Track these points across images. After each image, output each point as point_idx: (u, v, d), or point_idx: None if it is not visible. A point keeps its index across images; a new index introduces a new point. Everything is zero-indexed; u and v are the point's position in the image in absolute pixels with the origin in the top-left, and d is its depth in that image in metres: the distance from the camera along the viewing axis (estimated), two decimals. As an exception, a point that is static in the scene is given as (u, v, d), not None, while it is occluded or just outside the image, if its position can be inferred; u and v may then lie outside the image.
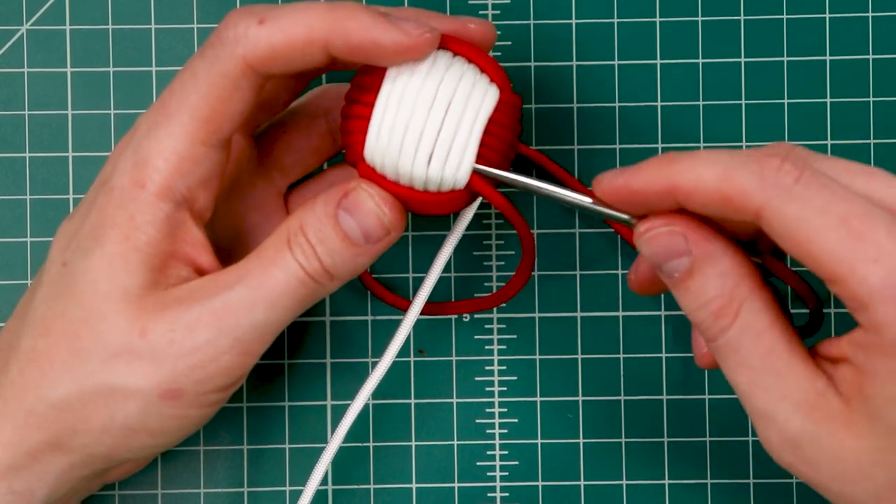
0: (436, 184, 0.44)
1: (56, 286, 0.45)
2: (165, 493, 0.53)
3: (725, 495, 0.53)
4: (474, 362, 0.53)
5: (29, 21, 0.53)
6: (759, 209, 0.40)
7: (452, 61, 0.44)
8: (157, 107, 0.44)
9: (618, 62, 0.53)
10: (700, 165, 0.41)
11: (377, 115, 0.44)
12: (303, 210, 0.44)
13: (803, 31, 0.53)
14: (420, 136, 0.44)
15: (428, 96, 0.44)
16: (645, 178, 0.42)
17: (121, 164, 0.44)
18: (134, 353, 0.43)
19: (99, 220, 0.44)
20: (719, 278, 0.42)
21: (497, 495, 0.53)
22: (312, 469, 0.49)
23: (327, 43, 0.43)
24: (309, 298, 0.45)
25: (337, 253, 0.44)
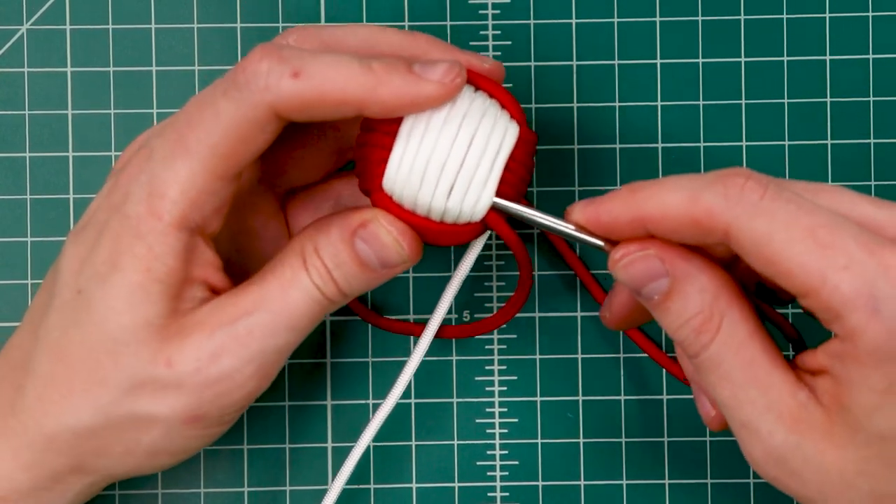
0: (453, 216, 0.44)
1: (72, 312, 0.44)
2: (165, 493, 0.53)
3: (725, 495, 0.53)
4: (474, 362, 0.53)
5: (29, 21, 0.53)
6: (726, 228, 0.40)
7: (475, 96, 0.44)
8: (175, 137, 0.44)
9: (618, 62, 0.53)
10: (665, 192, 0.41)
11: (399, 145, 0.44)
12: (316, 232, 0.44)
13: (803, 31, 0.53)
14: (442, 170, 0.43)
15: (452, 130, 0.43)
16: (613, 210, 0.43)
17: (135, 190, 0.44)
18: (159, 383, 0.43)
19: (115, 248, 0.44)
20: (698, 295, 0.42)
21: (497, 495, 0.53)
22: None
23: (361, 104, 0.43)
24: (322, 315, 0.45)
25: (353, 276, 0.44)
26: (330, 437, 0.53)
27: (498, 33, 0.53)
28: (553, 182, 0.53)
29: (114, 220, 0.44)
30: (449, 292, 0.48)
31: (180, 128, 0.44)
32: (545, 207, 0.53)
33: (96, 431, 0.44)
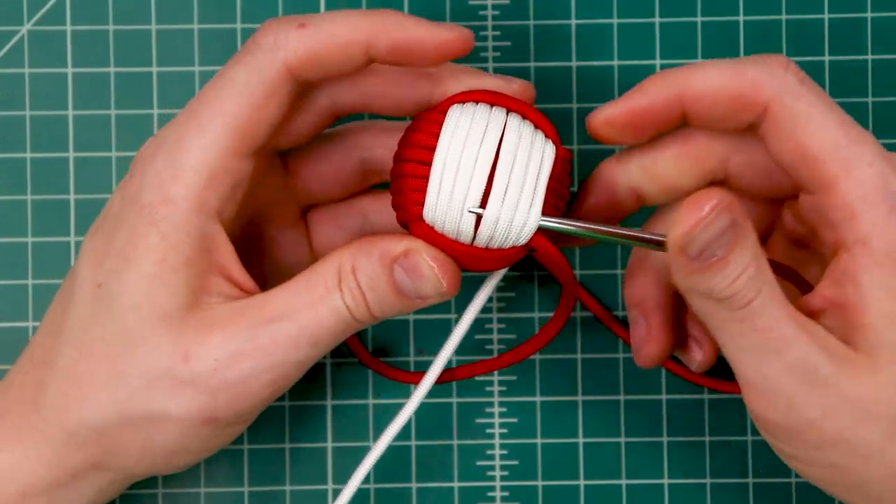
0: (500, 241, 0.44)
1: (92, 308, 0.44)
2: (166, 492, 0.53)
3: (725, 495, 0.53)
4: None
5: (30, 21, 0.53)
6: (768, 103, 0.41)
7: (508, 117, 0.44)
8: (187, 117, 0.44)
9: (617, 62, 0.53)
10: (707, 68, 0.42)
11: (436, 174, 0.43)
12: (357, 252, 0.44)
13: (803, 31, 0.53)
14: (485, 196, 0.43)
15: (489, 154, 0.43)
16: (649, 94, 0.43)
17: (148, 178, 0.44)
18: (176, 379, 0.43)
19: (131, 239, 0.43)
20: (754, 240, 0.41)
21: (497, 495, 0.53)
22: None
23: (369, 44, 0.43)
24: (348, 335, 0.44)
25: (387, 303, 0.44)
26: (330, 437, 0.53)
27: (498, 34, 0.53)
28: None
29: (128, 211, 0.44)
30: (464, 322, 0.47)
31: (193, 106, 0.44)
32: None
33: (113, 429, 0.44)
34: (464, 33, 0.44)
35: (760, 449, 0.53)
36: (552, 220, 0.44)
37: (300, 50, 0.43)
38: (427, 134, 0.44)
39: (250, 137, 0.44)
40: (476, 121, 0.43)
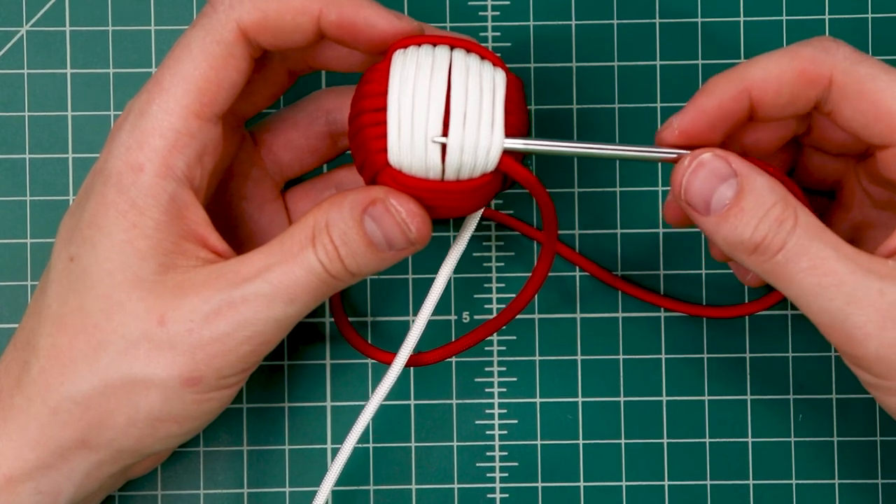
0: (469, 169, 0.44)
1: (67, 281, 0.44)
2: (165, 493, 0.53)
3: (725, 496, 0.53)
4: (474, 363, 0.53)
5: (29, 22, 0.53)
6: (830, 74, 0.43)
7: (453, 52, 0.44)
8: (149, 86, 0.44)
9: (617, 63, 0.53)
10: (764, 58, 0.44)
11: (393, 114, 0.43)
12: (329, 207, 0.44)
13: (803, 31, 0.53)
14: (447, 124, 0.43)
15: (441, 82, 0.43)
16: (716, 94, 0.44)
17: (115, 148, 0.44)
18: (153, 342, 0.43)
19: (100, 208, 0.44)
20: (772, 186, 0.43)
21: (497, 496, 0.53)
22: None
23: (320, 14, 0.44)
24: (328, 293, 0.45)
25: (360, 256, 0.44)
26: (329, 438, 0.53)
27: (498, 35, 0.53)
28: (554, 183, 0.53)
29: (96, 182, 0.44)
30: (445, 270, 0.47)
31: (155, 75, 0.44)
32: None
33: (96, 399, 0.44)
34: (413, 25, 0.44)
35: (761, 450, 0.53)
36: (517, 140, 0.44)
37: (253, 11, 0.44)
38: (376, 82, 0.44)
39: (211, 99, 0.44)
40: (422, 58, 0.44)
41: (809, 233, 0.42)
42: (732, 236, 0.43)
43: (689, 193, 0.43)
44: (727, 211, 0.43)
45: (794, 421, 0.53)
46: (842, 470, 0.53)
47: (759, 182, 0.43)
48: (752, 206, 0.42)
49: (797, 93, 0.43)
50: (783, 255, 0.42)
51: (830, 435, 0.53)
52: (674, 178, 0.44)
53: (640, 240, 0.53)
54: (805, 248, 0.42)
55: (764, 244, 0.42)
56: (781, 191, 0.43)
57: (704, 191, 0.43)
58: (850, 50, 0.43)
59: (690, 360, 0.53)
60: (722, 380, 0.53)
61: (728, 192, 0.43)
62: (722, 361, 0.53)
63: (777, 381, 0.53)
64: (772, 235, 0.42)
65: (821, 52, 0.43)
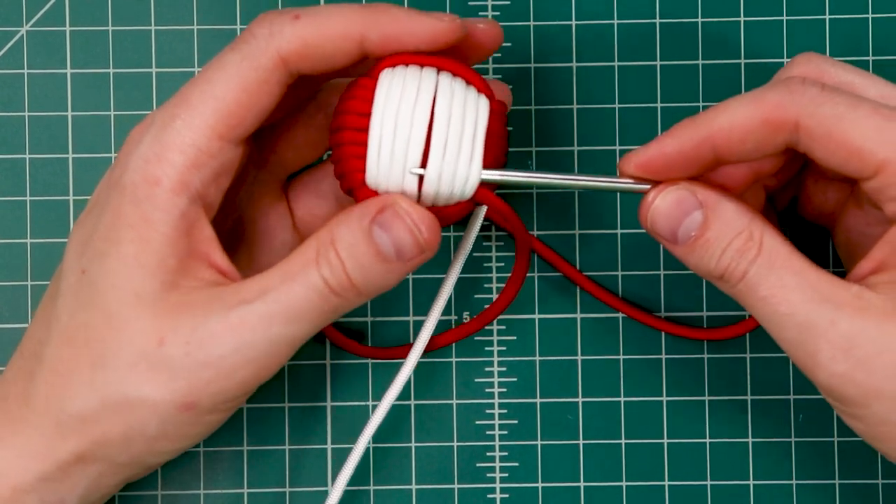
0: (445, 198, 0.44)
1: (78, 294, 0.44)
2: (165, 493, 0.53)
3: (726, 497, 0.53)
4: (474, 363, 0.53)
5: (29, 22, 0.53)
6: (796, 119, 0.42)
7: (439, 77, 0.44)
8: (176, 100, 0.44)
9: (618, 63, 0.53)
10: (729, 105, 0.43)
11: (374, 140, 0.43)
12: (336, 223, 0.43)
13: (803, 31, 0.53)
14: (426, 154, 0.43)
15: (424, 113, 0.43)
16: (678, 139, 0.43)
17: (133, 160, 0.44)
18: (151, 363, 0.43)
19: (113, 220, 0.43)
20: (736, 215, 0.43)
21: (497, 496, 0.53)
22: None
23: (363, 37, 0.44)
24: (332, 313, 0.44)
25: (367, 268, 0.43)
26: (330, 439, 0.53)
27: (499, 34, 0.53)
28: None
29: (112, 194, 0.44)
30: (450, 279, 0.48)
31: (183, 91, 0.44)
32: (546, 209, 0.53)
33: (95, 415, 0.44)
34: (455, 24, 0.44)
35: (761, 451, 0.53)
36: (494, 171, 0.44)
37: (294, 40, 0.43)
38: (361, 100, 0.44)
39: (238, 123, 0.44)
40: (408, 83, 0.44)
41: (771, 261, 0.43)
42: (699, 265, 0.44)
43: (656, 226, 0.44)
44: (693, 242, 0.43)
45: (795, 421, 0.53)
46: (842, 470, 0.53)
47: (725, 211, 0.43)
48: (717, 237, 0.43)
49: (763, 140, 0.43)
50: (744, 284, 0.43)
51: (831, 435, 0.53)
52: (640, 211, 0.44)
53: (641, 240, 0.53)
54: (763, 278, 0.43)
55: (727, 273, 0.43)
56: (748, 218, 0.43)
57: (671, 223, 0.44)
58: (817, 90, 0.43)
59: (691, 360, 0.53)
60: (722, 381, 0.53)
61: (694, 224, 0.43)
62: (722, 362, 0.53)
63: (777, 383, 0.53)
64: (734, 265, 0.43)
65: (785, 96, 0.43)
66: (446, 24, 0.44)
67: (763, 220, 0.44)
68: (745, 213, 0.43)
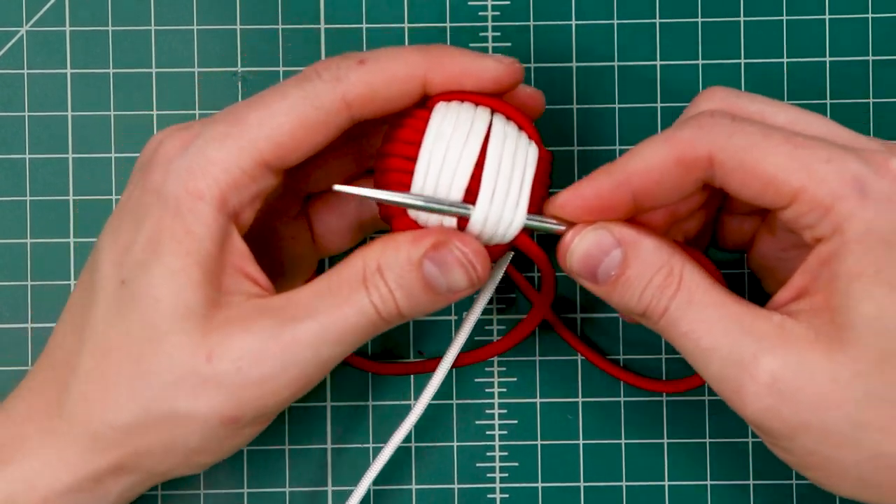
0: (486, 240, 0.44)
1: (116, 305, 0.43)
2: (165, 493, 0.53)
3: (725, 496, 0.53)
4: (474, 364, 0.53)
5: (29, 22, 0.53)
6: (708, 153, 0.42)
7: (493, 117, 0.44)
8: (229, 118, 0.44)
9: (617, 63, 0.53)
10: (642, 148, 0.43)
11: (421, 170, 0.43)
12: (383, 249, 0.43)
13: (803, 31, 0.53)
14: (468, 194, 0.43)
15: (475, 148, 0.43)
16: (595, 185, 0.43)
17: (175, 169, 0.43)
18: (199, 378, 0.43)
19: (155, 231, 0.43)
20: (654, 253, 0.43)
21: (497, 496, 0.53)
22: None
23: (426, 79, 0.44)
24: (374, 335, 0.44)
25: (416, 299, 0.43)
26: (329, 439, 0.53)
27: (498, 35, 0.53)
28: (553, 185, 0.53)
29: (153, 202, 0.43)
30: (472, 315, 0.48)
31: (237, 110, 0.44)
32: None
33: (137, 428, 0.43)
34: (515, 66, 0.45)
35: (761, 450, 0.53)
36: (538, 218, 0.44)
37: (360, 85, 0.43)
38: (412, 130, 0.44)
39: (286, 155, 0.44)
40: (462, 117, 0.44)
41: (691, 296, 0.43)
42: (621, 304, 0.44)
43: (575, 266, 0.44)
44: (614, 281, 0.43)
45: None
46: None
47: (644, 249, 0.43)
48: (637, 275, 0.43)
49: (679, 179, 0.43)
50: (665, 320, 0.43)
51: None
52: (559, 252, 0.44)
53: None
54: (684, 313, 0.43)
55: (649, 310, 0.43)
56: (667, 254, 0.43)
57: (590, 263, 0.44)
58: (727, 122, 0.42)
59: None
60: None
61: (613, 262, 0.43)
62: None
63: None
64: (655, 302, 0.43)
65: (696, 131, 0.42)
66: (506, 67, 0.44)
67: (683, 255, 0.43)
68: (664, 248, 0.43)
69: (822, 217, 0.41)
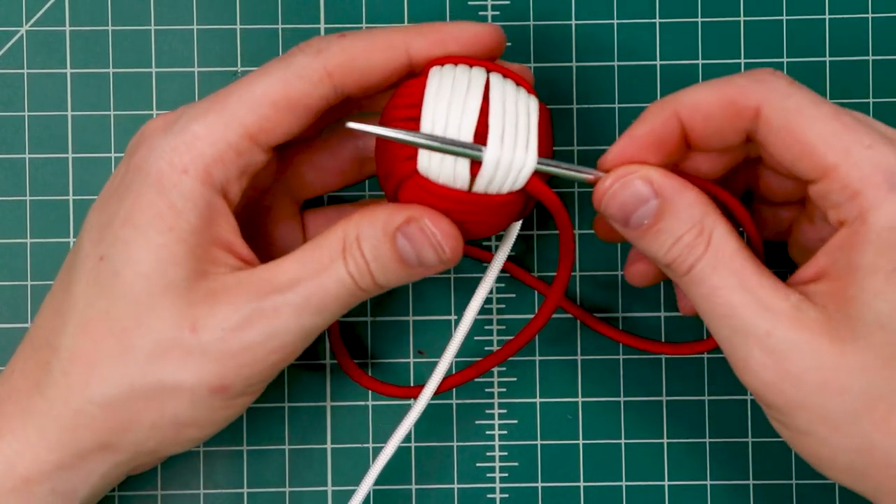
0: (498, 185, 0.44)
1: (96, 281, 0.44)
2: (165, 493, 0.53)
3: (725, 496, 0.53)
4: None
5: (29, 22, 0.53)
6: (758, 105, 0.43)
7: (489, 74, 0.44)
8: (213, 97, 0.44)
9: (617, 63, 0.53)
10: (699, 85, 0.44)
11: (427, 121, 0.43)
12: (360, 219, 0.44)
13: (803, 31, 0.53)
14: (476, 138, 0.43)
15: (477, 97, 0.43)
16: (647, 121, 0.44)
17: (158, 145, 0.44)
18: (184, 349, 0.43)
19: (136, 207, 0.43)
20: (689, 210, 0.43)
21: (497, 496, 0.53)
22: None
23: (407, 45, 0.44)
24: (354, 304, 0.45)
25: (390, 270, 0.44)
26: (329, 438, 0.53)
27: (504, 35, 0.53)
28: (552, 184, 0.53)
29: (135, 179, 0.44)
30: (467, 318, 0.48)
31: (219, 91, 0.45)
32: (544, 210, 0.53)
33: (122, 403, 0.44)
34: (497, 27, 0.45)
35: (761, 450, 0.53)
36: (548, 161, 0.44)
37: (340, 53, 0.44)
38: (410, 93, 0.44)
39: (272, 128, 0.44)
40: (459, 75, 0.44)
41: (717, 260, 0.43)
42: (647, 250, 0.44)
43: (609, 208, 0.44)
44: (646, 230, 0.44)
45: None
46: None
47: (680, 204, 0.43)
48: (668, 228, 0.43)
49: (725, 122, 0.43)
50: (689, 277, 0.43)
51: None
52: (595, 194, 0.44)
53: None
54: (707, 276, 0.43)
55: (675, 264, 0.44)
56: (701, 212, 0.43)
57: (625, 209, 0.44)
58: (786, 83, 0.43)
59: (691, 359, 0.53)
60: (723, 379, 0.53)
61: (648, 212, 0.43)
62: (722, 361, 0.53)
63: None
64: (682, 259, 0.43)
65: (753, 82, 0.43)
66: (489, 28, 0.45)
67: (717, 214, 0.44)
68: (699, 205, 0.44)
69: (848, 200, 0.42)
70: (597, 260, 0.53)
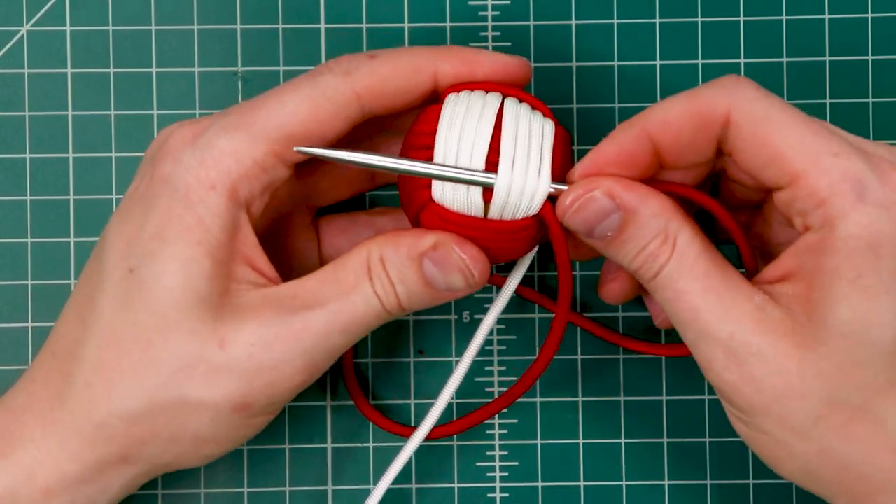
0: (511, 211, 0.44)
1: (123, 294, 0.44)
2: (165, 493, 0.53)
3: (725, 496, 0.53)
4: (473, 363, 0.53)
5: (29, 22, 0.53)
6: (727, 112, 0.42)
7: (504, 99, 0.45)
8: (241, 109, 0.44)
9: (617, 63, 0.53)
10: (667, 100, 0.44)
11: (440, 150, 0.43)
12: (385, 244, 0.44)
13: (803, 31, 0.53)
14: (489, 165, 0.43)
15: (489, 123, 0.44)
16: (616, 139, 0.44)
17: (185, 159, 0.44)
18: (211, 365, 0.43)
19: (164, 220, 0.43)
20: (653, 220, 0.43)
21: (497, 496, 0.53)
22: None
23: (435, 69, 0.44)
24: (378, 325, 0.45)
25: (416, 295, 0.44)
26: (329, 438, 0.53)
27: (498, 34, 0.53)
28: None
29: (162, 192, 0.44)
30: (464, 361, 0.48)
31: (249, 104, 0.45)
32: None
33: (144, 417, 0.43)
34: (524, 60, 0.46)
35: (760, 450, 0.53)
36: (561, 185, 0.44)
37: (370, 75, 0.44)
38: (426, 122, 0.44)
39: None
40: (473, 101, 0.44)
41: (681, 264, 0.43)
42: (614, 259, 0.44)
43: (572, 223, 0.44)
44: (609, 241, 0.44)
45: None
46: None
47: (644, 214, 0.43)
48: (632, 239, 0.43)
49: (695, 134, 0.43)
50: (655, 283, 0.43)
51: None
52: (557, 208, 0.44)
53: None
54: (672, 281, 0.43)
55: (640, 272, 0.44)
56: (665, 220, 0.43)
57: (587, 224, 0.44)
58: (753, 88, 0.43)
59: (691, 359, 0.53)
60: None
61: (611, 225, 0.43)
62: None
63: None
64: (647, 266, 0.43)
65: (719, 90, 0.43)
66: (517, 60, 0.45)
67: (681, 218, 0.43)
68: (664, 212, 0.43)
69: (815, 207, 0.42)
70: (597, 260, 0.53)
